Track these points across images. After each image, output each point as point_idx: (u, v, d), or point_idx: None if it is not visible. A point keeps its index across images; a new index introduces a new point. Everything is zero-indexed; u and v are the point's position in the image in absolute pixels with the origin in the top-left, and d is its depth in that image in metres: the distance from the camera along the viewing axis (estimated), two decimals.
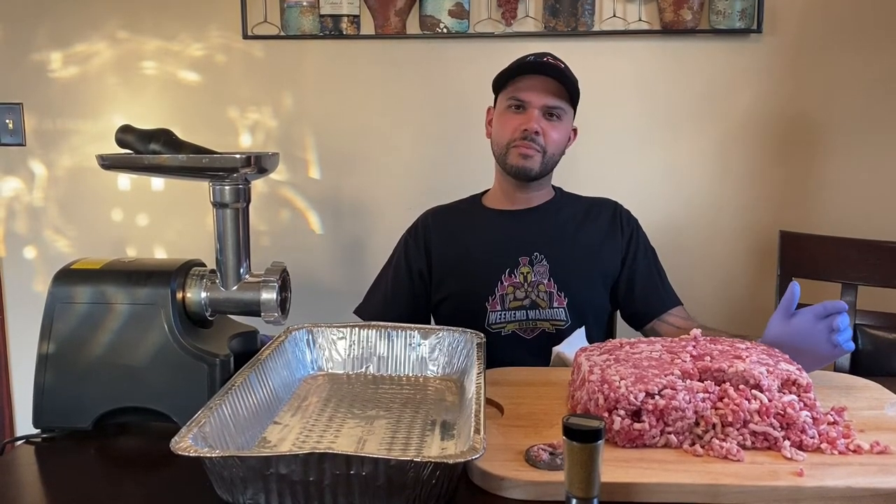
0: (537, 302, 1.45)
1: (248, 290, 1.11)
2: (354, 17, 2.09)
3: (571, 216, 1.54)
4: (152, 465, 0.97)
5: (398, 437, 0.96)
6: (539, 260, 1.46)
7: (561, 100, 1.45)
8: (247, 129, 2.20)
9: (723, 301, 2.16)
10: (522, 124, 1.43)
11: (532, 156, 1.44)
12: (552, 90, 1.44)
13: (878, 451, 0.89)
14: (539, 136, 1.43)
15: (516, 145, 1.44)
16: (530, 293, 1.45)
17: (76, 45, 2.19)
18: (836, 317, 1.08)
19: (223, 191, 1.09)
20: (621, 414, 0.91)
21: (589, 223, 1.54)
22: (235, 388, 0.94)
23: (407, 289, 1.54)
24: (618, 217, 1.55)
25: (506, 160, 1.47)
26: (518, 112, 1.45)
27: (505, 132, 1.46)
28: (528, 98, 1.44)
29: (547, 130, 1.44)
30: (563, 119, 1.47)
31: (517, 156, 1.45)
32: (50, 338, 1.06)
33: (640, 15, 2.04)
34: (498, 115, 1.50)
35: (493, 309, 1.45)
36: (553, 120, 1.45)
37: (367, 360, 1.21)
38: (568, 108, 1.47)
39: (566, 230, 1.52)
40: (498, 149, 1.49)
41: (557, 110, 1.45)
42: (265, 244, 2.22)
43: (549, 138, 1.44)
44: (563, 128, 1.47)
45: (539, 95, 1.43)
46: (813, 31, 2.05)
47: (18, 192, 2.26)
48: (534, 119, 1.43)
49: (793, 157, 2.11)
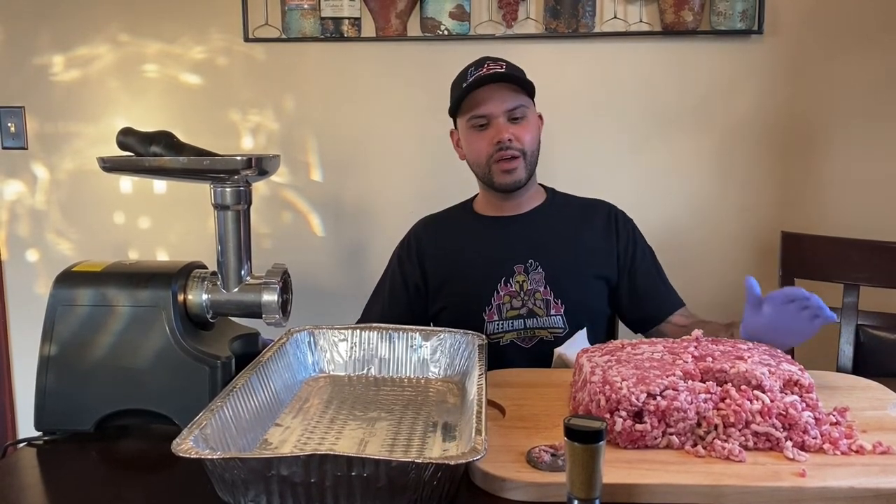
0: (534, 310, 1.43)
1: (249, 292, 1.11)
2: (355, 19, 2.10)
3: (565, 220, 1.52)
4: (154, 466, 0.97)
5: (399, 438, 0.96)
6: (534, 267, 1.45)
7: (517, 98, 1.43)
8: (248, 132, 2.20)
9: (724, 302, 2.15)
10: (494, 137, 1.42)
11: (515, 167, 1.43)
12: (506, 93, 1.42)
13: (881, 452, 0.89)
14: (513, 141, 1.42)
15: (497, 160, 1.43)
16: (527, 302, 1.44)
17: (78, 49, 2.19)
18: (803, 301, 1.12)
19: (224, 193, 1.09)
20: (623, 415, 0.91)
21: (583, 226, 1.52)
22: (237, 390, 0.94)
23: (403, 301, 1.53)
24: (613, 219, 1.53)
25: (492, 180, 1.46)
26: (483, 129, 1.44)
27: (480, 152, 1.45)
28: (487, 111, 1.42)
29: (518, 134, 1.42)
30: (528, 115, 1.45)
31: (501, 173, 1.44)
32: (51, 340, 1.06)
33: (640, 16, 2.04)
34: (466, 138, 1.49)
35: (489, 319, 1.44)
36: (519, 121, 1.43)
37: (369, 361, 1.21)
38: (527, 102, 1.45)
39: (560, 235, 1.50)
40: (479, 169, 1.48)
41: (519, 110, 1.43)
42: (267, 246, 2.22)
43: (522, 140, 1.43)
44: (531, 124, 1.46)
45: (496, 104, 1.42)
46: (814, 32, 2.05)
47: (21, 195, 2.26)
48: (502, 129, 1.41)
49: (794, 157, 2.10)
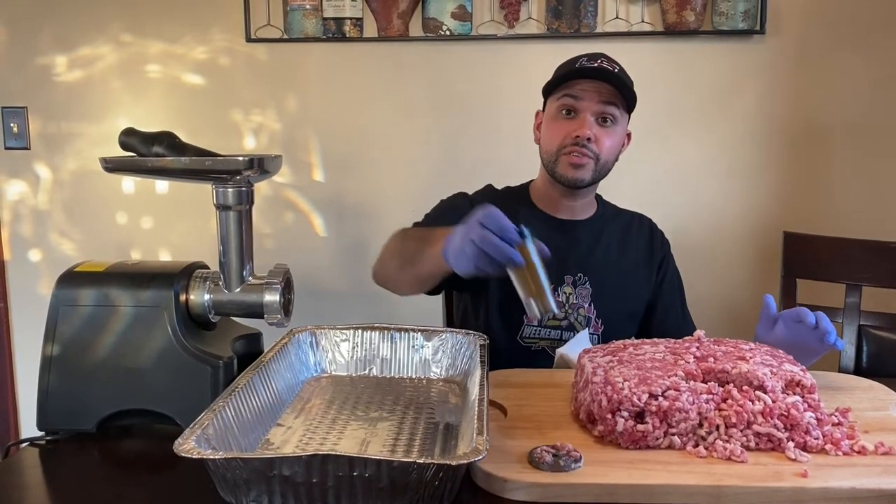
0: (575, 324, 1.41)
1: (251, 293, 1.11)
2: (357, 19, 2.10)
3: (614, 236, 1.48)
4: (156, 467, 0.97)
5: (401, 438, 0.96)
6: (583, 282, 1.42)
7: (615, 104, 1.36)
8: (250, 132, 2.20)
9: (726, 301, 2.16)
10: (574, 130, 1.36)
11: (584, 164, 1.36)
12: (606, 94, 1.35)
13: (883, 453, 0.89)
14: (591, 142, 1.35)
15: (567, 152, 1.37)
16: (570, 314, 1.41)
17: (80, 49, 2.19)
18: (810, 324, 1.14)
19: (226, 193, 1.09)
20: (625, 415, 0.91)
21: (629, 245, 1.49)
22: (239, 390, 0.94)
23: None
24: (654, 241, 1.51)
25: (555, 169, 1.39)
26: (569, 118, 1.37)
27: (555, 139, 1.38)
28: (581, 103, 1.36)
29: (600, 137, 1.36)
30: (618, 124, 1.39)
31: (568, 165, 1.37)
32: (54, 340, 1.06)
33: (642, 16, 2.04)
34: (547, 121, 1.42)
35: (529, 323, 1.41)
36: (607, 125, 1.37)
37: (371, 361, 1.20)
38: (622, 113, 1.39)
39: (609, 253, 1.46)
40: (547, 156, 1.41)
41: (610, 115, 1.37)
42: (269, 246, 2.23)
43: (602, 145, 1.36)
44: (617, 134, 1.40)
45: (592, 100, 1.35)
46: (816, 32, 2.05)
47: (23, 195, 2.27)
48: (586, 125, 1.35)
49: (796, 157, 2.10)
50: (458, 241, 0.98)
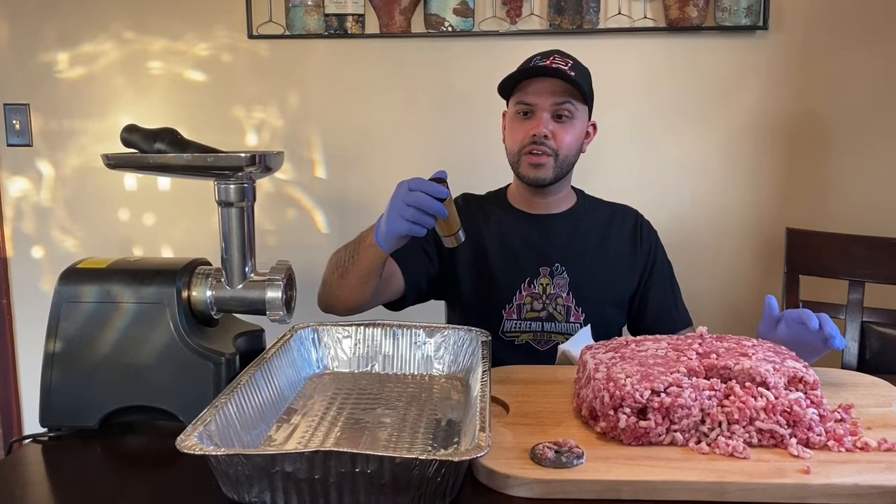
0: (554, 315, 1.43)
1: (253, 289, 1.11)
2: (359, 16, 2.10)
3: (594, 226, 1.50)
4: (158, 463, 0.97)
5: (403, 435, 0.96)
6: (560, 272, 1.44)
7: (570, 98, 1.38)
8: (252, 129, 2.20)
9: (729, 298, 2.16)
10: (531, 129, 1.39)
11: (543, 163, 1.39)
12: (560, 90, 1.38)
13: (886, 449, 0.89)
14: (549, 139, 1.38)
15: (527, 152, 1.40)
16: (548, 305, 1.43)
17: (82, 46, 2.19)
18: (812, 325, 1.14)
19: (228, 190, 1.09)
20: (627, 412, 0.91)
21: (610, 234, 1.50)
22: (241, 386, 0.94)
23: (424, 257, 1.45)
24: (638, 230, 1.52)
25: (518, 169, 1.43)
26: (526, 118, 1.40)
27: (516, 140, 1.42)
28: (535, 101, 1.38)
29: (557, 133, 1.39)
30: (576, 118, 1.41)
31: (528, 166, 1.40)
32: (56, 337, 1.06)
33: (645, 12, 2.04)
34: (508, 123, 1.46)
35: (508, 317, 1.43)
36: (564, 121, 1.39)
37: (373, 358, 1.21)
38: (580, 106, 1.41)
39: (588, 242, 1.48)
40: (511, 157, 1.45)
41: (566, 110, 1.39)
42: (271, 243, 2.23)
43: (560, 140, 1.39)
44: (575, 128, 1.41)
45: (546, 98, 1.38)
46: (819, 27, 2.04)
47: (26, 192, 2.27)
48: (542, 123, 1.38)
49: (799, 153, 2.10)
50: (394, 211, 1.13)
